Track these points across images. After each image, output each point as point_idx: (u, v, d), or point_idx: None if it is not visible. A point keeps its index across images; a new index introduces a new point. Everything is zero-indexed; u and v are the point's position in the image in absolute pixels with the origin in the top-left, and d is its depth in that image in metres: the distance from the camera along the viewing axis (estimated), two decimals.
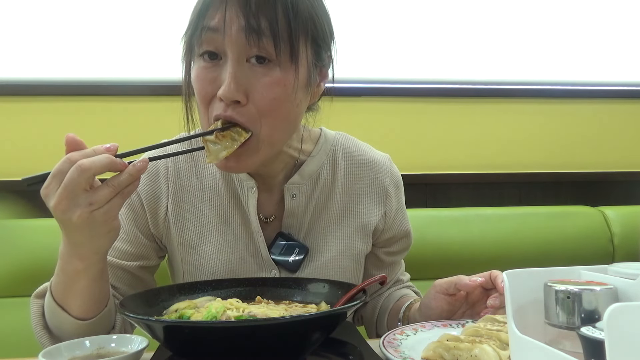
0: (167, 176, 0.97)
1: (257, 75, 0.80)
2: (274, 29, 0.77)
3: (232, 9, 0.77)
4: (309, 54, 0.84)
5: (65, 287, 0.82)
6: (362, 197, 1.03)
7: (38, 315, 0.87)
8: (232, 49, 0.79)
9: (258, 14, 0.76)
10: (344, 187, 1.02)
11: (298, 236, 0.98)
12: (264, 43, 0.77)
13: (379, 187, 1.04)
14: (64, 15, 1.77)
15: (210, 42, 0.80)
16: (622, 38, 2.05)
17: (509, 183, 1.98)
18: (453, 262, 1.68)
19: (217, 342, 0.66)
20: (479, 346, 0.68)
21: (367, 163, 1.04)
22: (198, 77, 0.82)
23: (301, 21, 0.80)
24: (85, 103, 1.78)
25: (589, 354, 0.46)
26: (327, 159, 1.02)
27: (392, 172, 1.06)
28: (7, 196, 1.68)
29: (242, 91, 0.79)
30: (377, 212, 1.03)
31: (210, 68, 0.81)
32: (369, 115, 1.89)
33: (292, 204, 0.97)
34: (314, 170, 0.99)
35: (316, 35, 0.84)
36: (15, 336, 1.41)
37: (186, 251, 0.97)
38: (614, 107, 2.05)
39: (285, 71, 0.80)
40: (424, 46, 1.94)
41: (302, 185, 0.98)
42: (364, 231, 1.02)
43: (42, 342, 0.86)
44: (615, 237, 1.75)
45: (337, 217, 1.01)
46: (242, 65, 0.79)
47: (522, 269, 0.59)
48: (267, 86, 0.80)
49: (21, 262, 1.48)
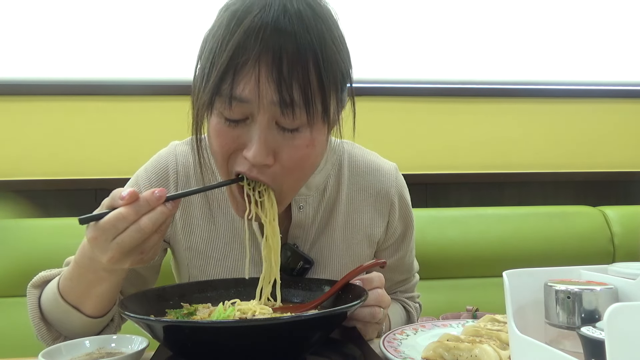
0: (176, 181, 0.96)
1: (286, 138, 0.76)
2: (307, 98, 0.73)
3: (264, 78, 0.71)
4: (335, 102, 0.80)
5: (83, 292, 0.83)
6: (366, 208, 1.01)
7: (35, 305, 0.88)
8: (263, 116, 0.74)
9: (291, 81, 0.71)
10: (348, 197, 1.00)
11: (304, 247, 0.98)
12: (297, 114, 0.73)
13: (384, 196, 1.02)
14: (64, 15, 1.77)
15: (239, 110, 0.74)
16: (622, 38, 2.05)
17: (509, 183, 1.98)
18: (453, 262, 1.68)
19: (217, 342, 0.66)
20: (479, 346, 0.68)
21: (372, 172, 1.02)
22: (219, 133, 0.77)
23: (332, 76, 0.75)
24: (85, 103, 1.78)
25: (589, 354, 0.46)
26: (333, 170, 1.00)
27: (397, 182, 1.04)
28: (7, 196, 1.68)
29: (270, 154, 0.75)
30: (381, 222, 1.02)
31: (234, 126, 0.76)
32: (369, 115, 1.88)
33: (299, 216, 0.96)
34: (320, 181, 0.98)
35: (342, 82, 0.80)
36: (15, 336, 1.41)
37: (193, 256, 0.97)
38: (614, 107, 2.05)
39: (316, 131, 0.77)
40: (424, 46, 1.94)
41: (309, 196, 0.97)
42: (369, 242, 1.01)
43: (41, 334, 0.88)
44: (615, 237, 1.75)
45: (342, 227, 1.00)
46: (272, 129, 0.75)
47: (522, 269, 0.59)
48: (297, 148, 0.76)
49: (21, 262, 1.48)
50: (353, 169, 1.02)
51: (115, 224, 0.69)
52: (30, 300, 0.89)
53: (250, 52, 0.71)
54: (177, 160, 0.97)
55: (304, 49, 0.72)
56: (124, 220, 0.69)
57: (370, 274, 0.85)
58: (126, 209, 0.69)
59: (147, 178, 0.96)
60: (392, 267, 1.05)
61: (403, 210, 1.04)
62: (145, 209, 0.70)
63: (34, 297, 0.89)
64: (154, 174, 0.96)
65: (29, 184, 1.72)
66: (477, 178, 1.96)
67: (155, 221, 0.70)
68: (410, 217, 1.06)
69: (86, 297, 0.83)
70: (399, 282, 1.12)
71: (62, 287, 0.85)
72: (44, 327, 0.87)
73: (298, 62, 0.72)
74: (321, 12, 0.76)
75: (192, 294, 0.86)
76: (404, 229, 1.06)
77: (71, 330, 0.87)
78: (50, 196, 1.72)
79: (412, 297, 1.15)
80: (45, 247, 1.48)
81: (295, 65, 0.71)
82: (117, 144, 1.78)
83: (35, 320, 0.87)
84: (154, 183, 0.96)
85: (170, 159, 0.97)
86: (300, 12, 0.73)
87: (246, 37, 0.71)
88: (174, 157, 0.97)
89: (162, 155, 0.98)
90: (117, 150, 1.78)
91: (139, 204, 0.69)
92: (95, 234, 0.70)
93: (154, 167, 0.97)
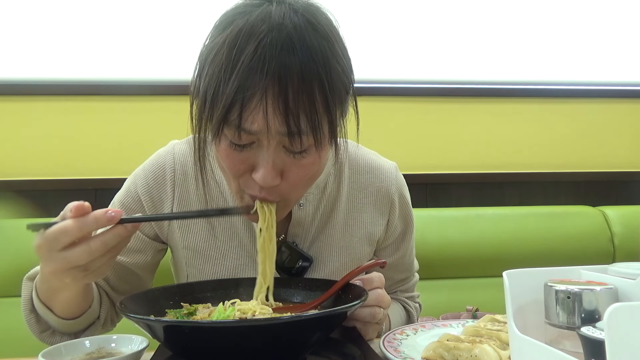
0: (173, 180, 0.96)
1: (293, 159, 0.76)
2: (314, 125, 0.72)
3: (271, 110, 0.70)
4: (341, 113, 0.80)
5: (49, 296, 0.84)
6: (366, 206, 1.01)
7: (27, 298, 0.89)
8: (270, 142, 0.74)
9: (298, 111, 0.71)
10: (348, 196, 1.01)
11: (303, 245, 0.98)
12: (304, 141, 0.73)
13: (384, 195, 1.02)
14: (64, 15, 1.77)
15: (247, 138, 0.74)
16: (622, 38, 2.05)
17: (509, 183, 1.98)
18: (453, 262, 1.68)
19: (217, 342, 0.66)
20: (479, 346, 0.68)
21: (372, 171, 1.02)
22: (228, 156, 0.77)
23: (337, 95, 0.75)
24: (85, 103, 1.78)
25: (589, 354, 0.46)
26: (334, 168, 1.00)
27: (397, 181, 1.04)
28: (7, 196, 1.68)
29: (278, 175, 0.76)
30: (381, 221, 1.02)
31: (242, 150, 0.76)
32: (369, 115, 1.88)
33: (299, 214, 0.96)
34: (321, 180, 0.98)
35: (346, 94, 0.80)
36: (15, 336, 1.41)
37: (190, 255, 0.97)
38: (614, 107, 2.05)
39: (323, 149, 0.77)
40: (424, 46, 1.94)
41: (309, 194, 0.97)
42: (368, 241, 1.01)
43: (30, 326, 0.89)
44: (615, 237, 1.75)
45: (342, 226, 1.00)
46: (280, 152, 0.75)
47: (522, 269, 0.59)
48: (304, 167, 0.77)
49: (21, 262, 1.48)
50: (354, 167, 1.02)
51: (57, 236, 0.68)
52: (24, 292, 0.90)
53: (256, 87, 0.70)
54: (174, 159, 0.96)
55: (309, 77, 0.71)
56: (65, 233, 0.68)
57: (371, 274, 0.85)
58: (71, 222, 0.68)
59: (145, 177, 0.96)
60: (392, 266, 1.05)
61: (403, 208, 1.05)
62: (91, 226, 0.69)
63: (27, 289, 0.89)
64: (151, 172, 0.96)
65: (29, 184, 1.72)
66: (478, 178, 1.96)
67: (107, 243, 0.69)
68: (411, 216, 1.06)
69: (52, 300, 0.84)
70: (399, 282, 1.12)
71: (37, 286, 0.85)
72: (33, 318, 0.88)
73: (304, 91, 0.71)
74: (322, 28, 0.74)
75: (192, 294, 0.86)
76: (404, 227, 1.06)
77: (52, 325, 0.88)
78: (50, 196, 1.72)
79: (412, 296, 1.15)
80: None
81: (301, 95, 0.71)
82: (117, 144, 1.78)
83: (25, 312, 0.89)
84: (150, 182, 0.96)
85: (168, 158, 0.97)
86: (303, 34, 0.71)
87: (250, 70, 0.70)
88: (172, 156, 0.97)
89: (161, 154, 0.98)
90: (117, 150, 1.78)
91: (85, 220, 0.69)
92: (40, 243, 0.70)
93: (151, 165, 0.97)
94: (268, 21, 0.71)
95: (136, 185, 0.96)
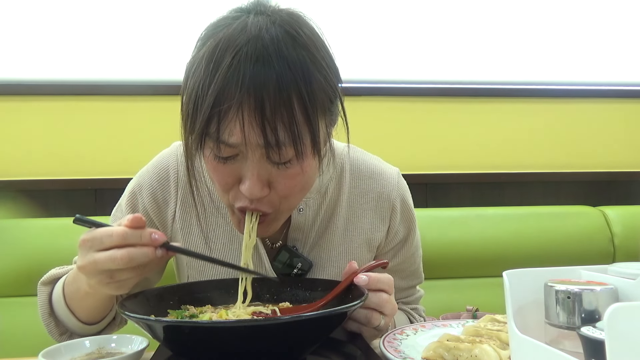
0: (177, 181, 0.96)
1: (278, 169, 0.76)
2: (294, 136, 0.72)
3: (247, 123, 0.70)
4: (325, 123, 0.80)
5: (74, 300, 0.86)
6: (367, 212, 1.00)
7: (45, 302, 0.91)
8: (252, 154, 0.74)
9: (275, 123, 0.70)
10: (349, 201, 1.00)
11: (303, 250, 0.97)
12: (285, 152, 0.73)
13: (385, 201, 1.01)
14: (64, 15, 1.77)
15: (228, 150, 0.75)
16: (622, 38, 2.05)
17: (509, 183, 1.98)
18: (453, 262, 1.68)
19: (217, 342, 0.66)
20: (479, 346, 0.68)
21: (374, 176, 1.02)
22: (215, 169, 0.78)
23: (319, 105, 0.75)
24: (85, 103, 1.78)
25: (589, 354, 0.46)
26: (335, 173, 1.00)
27: (399, 186, 1.03)
28: (7, 196, 1.68)
29: (265, 186, 0.76)
30: (381, 227, 1.01)
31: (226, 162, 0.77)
32: (369, 115, 1.89)
33: (298, 218, 0.96)
34: (321, 185, 0.98)
35: (331, 102, 0.79)
36: (16, 336, 1.42)
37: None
38: (614, 107, 2.05)
39: (307, 160, 0.77)
40: (424, 46, 1.94)
41: (310, 199, 0.97)
42: (368, 247, 1.01)
43: (49, 329, 0.91)
44: (615, 237, 1.75)
45: (342, 231, 0.99)
46: (263, 163, 0.75)
47: (522, 269, 0.59)
48: (289, 177, 0.77)
49: (21, 262, 1.48)
50: (355, 172, 1.01)
51: (102, 237, 0.70)
52: (41, 298, 0.91)
53: (232, 99, 0.70)
54: (178, 160, 0.97)
55: (287, 88, 0.70)
56: (109, 237, 0.69)
57: (381, 273, 0.83)
58: (118, 229, 0.70)
59: (149, 178, 0.97)
60: (392, 271, 1.04)
61: (405, 213, 1.03)
62: (133, 239, 0.70)
63: (44, 294, 0.91)
64: (155, 174, 0.97)
65: (29, 184, 1.72)
66: (478, 178, 1.96)
67: (132, 257, 0.69)
68: (413, 222, 1.05)
69: (77, 303, 0.87)
70: (402, 290, 1.10)
71: (66, 289, 0.88)
72: (52, 322, 0.90)
73: (281, 102, 0.70)
74: (301, 38, 0.74)
75: (192, 294, 0.86)
76: (406, 232, 1.04)
77: (72, 329, 0.91)
78: (50, 196, 1.72)
79: (417, 309, 1.14)
80: (45, 247, 1.48)
81: (279, 106, 0.70)
82: (117, 144, 1.78)
83: (44, 316, 0.90)
84: (155, 184, 0.96)
85: (172, 160, 0.97)
86: (280, 45, 0.71)
87: (226, 84, 0.70)
88: (175, 157, 0.97)
89: (164, 156, 0.99)
90: (117, 150, 1.78)
91: (131, 232, 0.70)
92: (86, 238, 0.71)
93: (155, 167, 0.98)
94: (245, 33, 0.71)
95: (141, 187, 0.97)
